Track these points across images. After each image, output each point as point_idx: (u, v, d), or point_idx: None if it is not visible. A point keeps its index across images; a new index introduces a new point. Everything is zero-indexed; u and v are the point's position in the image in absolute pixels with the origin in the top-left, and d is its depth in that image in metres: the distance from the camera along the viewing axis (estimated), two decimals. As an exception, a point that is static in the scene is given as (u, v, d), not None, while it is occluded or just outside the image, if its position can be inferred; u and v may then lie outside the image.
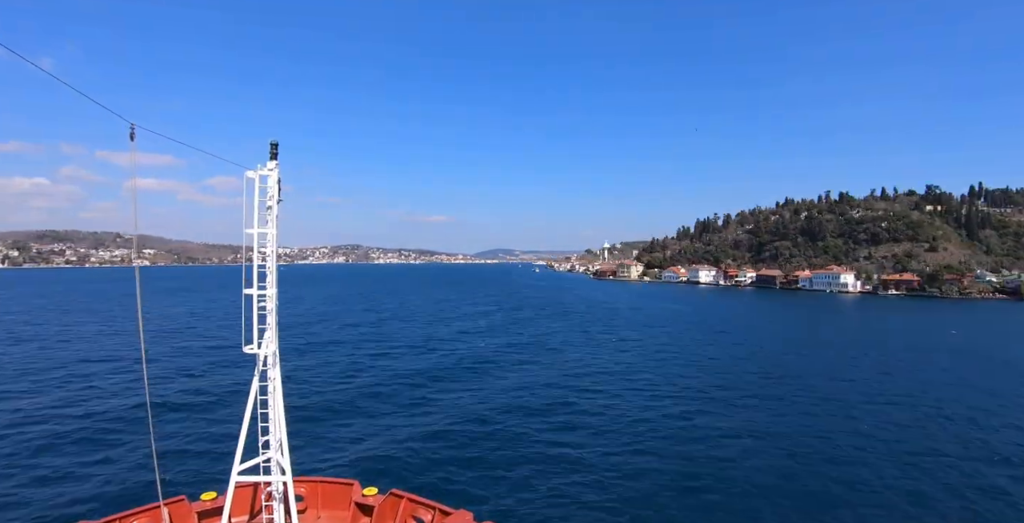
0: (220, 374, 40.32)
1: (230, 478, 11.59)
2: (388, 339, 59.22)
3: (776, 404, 33.56)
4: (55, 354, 48.17)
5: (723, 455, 24.74)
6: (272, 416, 11.90)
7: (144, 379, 15.71)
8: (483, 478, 21.97)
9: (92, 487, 20.83)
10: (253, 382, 11.66)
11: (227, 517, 11.55)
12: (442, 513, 12.97)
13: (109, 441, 25.77)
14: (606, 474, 22.44)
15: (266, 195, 11.62)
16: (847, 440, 26.92)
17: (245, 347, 11.38)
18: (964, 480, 22.19)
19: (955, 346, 57.42)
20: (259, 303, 11.39)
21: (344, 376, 40.15)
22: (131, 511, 12.79)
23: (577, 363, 46.27)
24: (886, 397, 35.42)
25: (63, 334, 61.45)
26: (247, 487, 13.55)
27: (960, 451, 25.50)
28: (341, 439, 26.45)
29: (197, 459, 23.69)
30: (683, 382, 39.46)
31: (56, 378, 38.60)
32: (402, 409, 31.69)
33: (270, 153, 11.83)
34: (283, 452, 11.93)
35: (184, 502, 13.34)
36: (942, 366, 46.24)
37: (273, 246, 11.65)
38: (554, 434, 27.45)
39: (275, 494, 12.22)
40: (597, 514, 19.08)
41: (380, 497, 13.81)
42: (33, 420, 28.91)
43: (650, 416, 30.63)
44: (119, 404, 31.83)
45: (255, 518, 13.50)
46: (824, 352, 53.63)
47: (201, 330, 65.29)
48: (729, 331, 69.52)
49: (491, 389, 36.52)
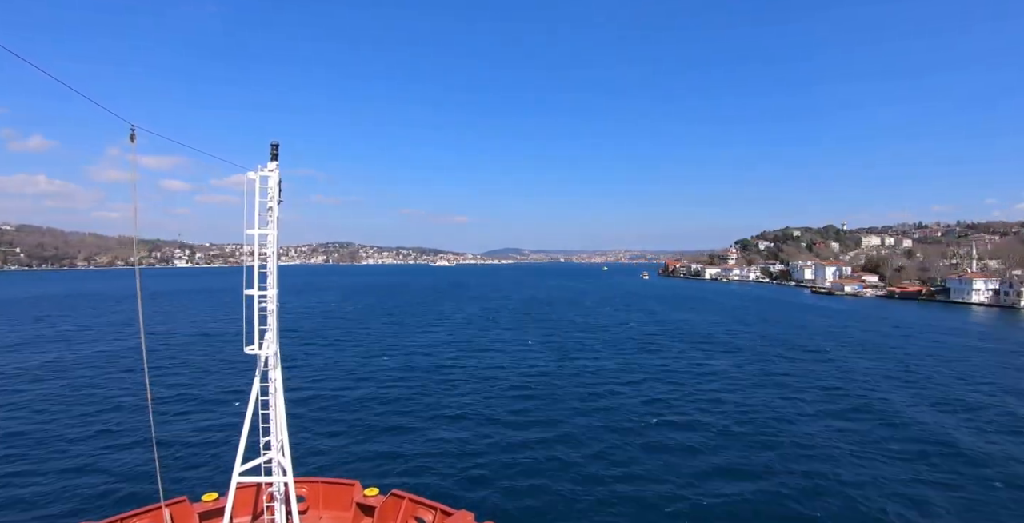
0: (221, 374, 40.40)
1: (231, 479, 11.61)
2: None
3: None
4: (69, 353, 48.31)
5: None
6: (273, 417, 11.91)
7: (145, 380, 15.69)
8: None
9: (94, 488, 20.85)
10: (254, 383, 11.67)
11: (229, 518, 11.56)
12: (443, 513, 12.99)
13: (110, 442, 25.83)
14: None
15: (266, 196, 11.63)
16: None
17: (246, 348, 11.40)
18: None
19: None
20: (260, 304, 11.40)
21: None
22: (133, 512, 12.82)
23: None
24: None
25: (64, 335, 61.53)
26: (249, 488, 13.58)
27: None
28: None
29: (198, 460, 23.74)
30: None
31: (56, 377, 38.74)
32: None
33: (271, 154, 11.82)
34: (284, 453, 11.95)
35: (186, 503, 13.36)
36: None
37: (274, 247, 11.67)
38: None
39: (276, 494, 12.25)
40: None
41: (381, 497, 13.83)
42: (35, 421, 28.99)
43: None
44: (120, 404, 31.91)
45: (257, 519, 13.52)
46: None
47: (203, 330, 65.39)
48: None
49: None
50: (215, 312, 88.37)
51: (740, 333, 66.19)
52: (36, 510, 19.07)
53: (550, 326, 71.85)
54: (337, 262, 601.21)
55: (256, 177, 11.40)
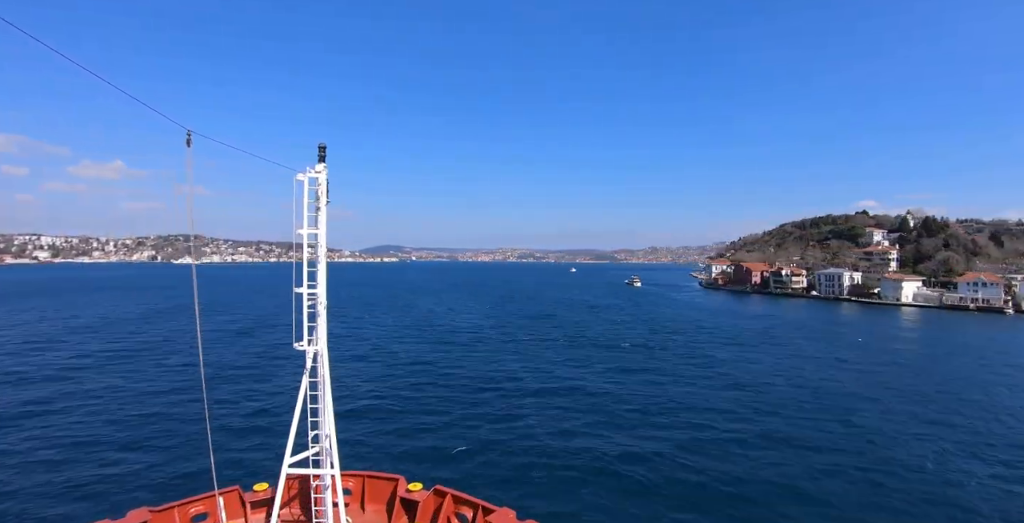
0: (273, 370, 41.89)
1: (281, 470, 11.98)
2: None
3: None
4: (118, 345, 51.05)
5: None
6: (322, 410, 12.23)
7: (201, 374, 16.39)
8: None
9: (153, 477, 22.05)
10: (303, 378, 12.01)
11: (277, 507, 11.94)
12: (485, 510, 13.02)
13: (168, 434, 27.23)
14: None
15: (315, 197, 11.94)
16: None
17: (295, 344, 11.75)
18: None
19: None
20: (308, 301, 11.73)
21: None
22: (188, 499, 13.40)
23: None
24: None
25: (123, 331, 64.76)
26: (297, 479, 14.00)
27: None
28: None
29: (251, 452, 24.70)
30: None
31: (122, 371, 40.98)
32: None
33: (318, 156, 12.12)
34: (332, 446, 12.24)
35: (238, 492, 13.87)
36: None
37: (323, 246, 11.98)
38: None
39: (323, 486, 12.56)
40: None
41: (424, 493, 13.99)
42: (97, 414, 30.82)
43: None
44: (178, 399, 33.54)
45: (304, 509, 13.91)
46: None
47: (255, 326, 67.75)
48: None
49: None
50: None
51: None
52: (95, 497, 20.28)
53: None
54: (165, 260, 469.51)
55: (304, 178, 11.72)
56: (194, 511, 13.12)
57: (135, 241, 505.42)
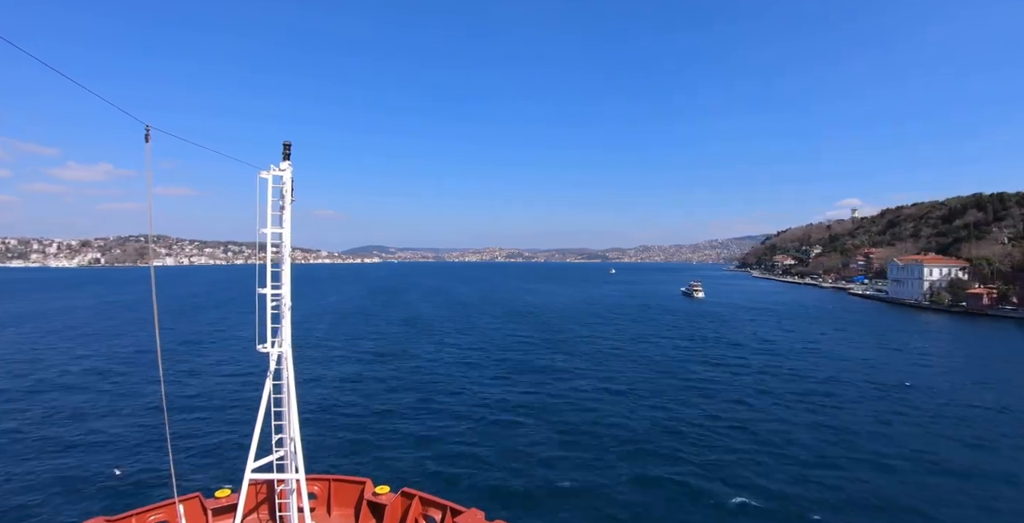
0: (233, 373, 40.79)
1: (244, 475, 11.69)
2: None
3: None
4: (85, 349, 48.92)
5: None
6: (286, 414, 11.97)
7: (160, 378, 15.86)
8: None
9: (109, 484, 21.20)
10: (267, 380, 11.74)
11: (241, 513, 11.64)
12: (453, 512, 12.98)
13: (125, 439, 26.23)
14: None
15: (279, 195, 11.66)
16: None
17: (259, 346, 11.47)
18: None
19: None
20: (272, 302, 11.46)
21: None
22: (147, 507, 12.96)
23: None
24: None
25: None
26: (261, 484, 13.68)
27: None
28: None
29: (212, 457, 24.01)
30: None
31: (75, 375, 39.28)
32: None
33: (283, 153, 11.83)
34: (296, 450, 12.01)
35: (199, 499, 13.48)
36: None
37: (287, 246, 11.72)
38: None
39: (288, 491, 12.31)
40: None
41: (392, 495, 13.86)
42: (52, 417, 29.49)
43: None
44: (134, 403, 32.36)
45: (269, 515, 13.61)
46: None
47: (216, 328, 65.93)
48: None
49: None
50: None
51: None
52: (49, 507, 19.40)
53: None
54: (110, 264, 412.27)
55: (268, 176, 11.43)
56: (153, 519, 12.70)
57: (80, 243, 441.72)
